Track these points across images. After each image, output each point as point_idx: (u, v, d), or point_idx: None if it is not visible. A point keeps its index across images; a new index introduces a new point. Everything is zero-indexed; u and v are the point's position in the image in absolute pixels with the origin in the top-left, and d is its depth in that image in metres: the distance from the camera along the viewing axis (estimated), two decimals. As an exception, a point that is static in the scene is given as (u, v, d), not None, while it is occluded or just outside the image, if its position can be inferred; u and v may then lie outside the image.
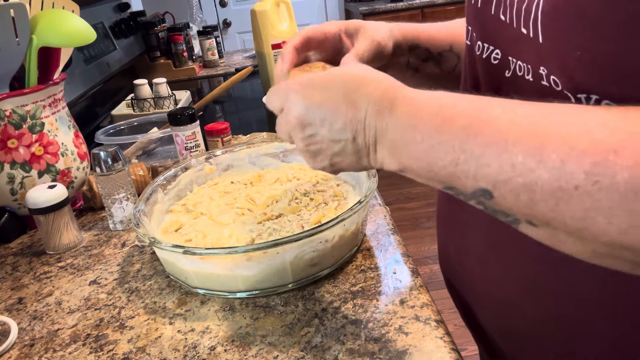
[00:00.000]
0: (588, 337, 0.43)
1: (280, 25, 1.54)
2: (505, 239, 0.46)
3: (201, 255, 0.56)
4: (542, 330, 0.46)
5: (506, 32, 0.40)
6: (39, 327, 0.58)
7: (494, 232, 0.48)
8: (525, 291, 0.46)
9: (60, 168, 0.79)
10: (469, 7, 0.48)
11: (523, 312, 0.47)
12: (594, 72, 0.32)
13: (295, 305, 0.56)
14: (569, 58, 0.33)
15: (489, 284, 0.50)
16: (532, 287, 0.45)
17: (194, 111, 0.89)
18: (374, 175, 0.65)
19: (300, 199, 0.69)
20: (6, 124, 0.74)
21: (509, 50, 0.41)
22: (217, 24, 3.52)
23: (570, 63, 0.33)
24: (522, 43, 0.38)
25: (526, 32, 0.37)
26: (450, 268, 0.59)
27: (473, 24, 0.48)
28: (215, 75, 1.99)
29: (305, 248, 0.57)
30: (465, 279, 0.55)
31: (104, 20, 1.62)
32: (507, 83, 0.42)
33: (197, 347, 0.52)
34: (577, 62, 0.33)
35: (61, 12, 0.78)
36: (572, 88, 0.35)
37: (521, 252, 0.45)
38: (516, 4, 0.38)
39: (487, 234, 0.49)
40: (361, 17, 3.23)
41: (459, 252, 0.56)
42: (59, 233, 0.73)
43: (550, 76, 0.36)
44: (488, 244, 0.49)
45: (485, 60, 0.45)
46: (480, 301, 0.54)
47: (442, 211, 0.60)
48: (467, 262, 0.54)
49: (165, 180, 0.75)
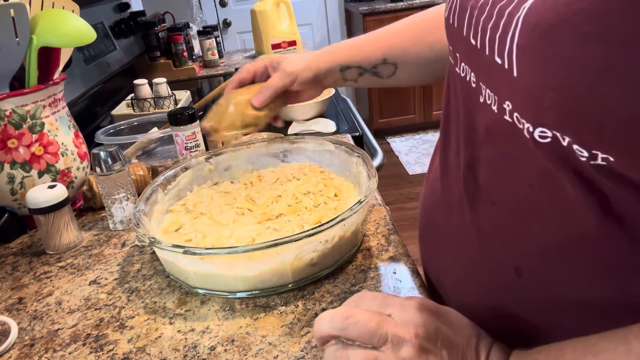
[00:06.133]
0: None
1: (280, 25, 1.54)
2: (480, 266, 0.45)
3: (201, 255, 0.56)
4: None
5: (478, 57, 0.39)
6: (39, 327, 0.58)
7: (468, 258, 0.47)
8: (499, 320, 0.45)
9: (60, 168, 0.79)
10: (447, 26, 0.47)
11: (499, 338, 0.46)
12: (567, 115, 0.31)
13: (295, 305, 0.56)
14: (543, 97, 0.31)
15: (462, 310, 0.47)
16: (505, 314, 0.44)
17: (194, 111, 0.89)
18: (374, 175, 0.65)
19: (300, 199, 0.69)
20: (6, 124, 0.74)
21: (480, 76, 0.40)
22: (217, 24, 3.52)
23: (544, 102, 0.31)
24: (495, 72, 0.36)
25: (500, 62, 0.35)
26: (432, 288, 0.58)
27: (453, 44, 0.46)
28: (215, 75, 1.99)
29: (305, 248, 0.57)
30: (445, 301, 0.54)
31: (104, 20, 1.62)
32: (479, 109, 0.41)
33: (197, 347, 0.52)
34: (551, 102, 0.31)
35: (61, 12, 0.78)
36: (537, 126, 0.33)
37: (494, 278, 0.44)
38: (489, 30, 0.36)
39: (463, 259, 0.48)
40: (361, 17, 3.23)
41: (438, 274, 0.55)
42: (59, 233, 0.73)
43: (514, 112, 0.35)
44: (465, 272, 0.48)
45: (468, 82, 0.43)
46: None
47: (422, 231, 0.59)
48: (445, 284, 0.53)
49: (165, 180, 0.75)
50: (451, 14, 0.44)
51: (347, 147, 0.75)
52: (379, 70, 0.70)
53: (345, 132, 1.14)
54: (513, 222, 0.40)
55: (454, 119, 0.48)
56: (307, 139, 0.81)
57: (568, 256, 0.37)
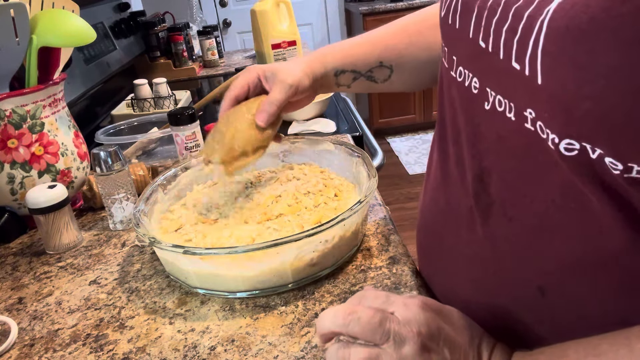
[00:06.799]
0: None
1: (280, 25, 1.54)
2: (494, 284, 0.44)
3: (201, 255, 0.56)
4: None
5: (488, 61, 0.37)
6: (39, 327, 0.58)
7: (480, 274, 0.45)
8: (514, 338, 0.43)
9: (60, 168, 0.79)
10: (444, 26, 0.45)
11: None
12: (604, 126, 0.29)
13: (295, 305, 0.56)
14: (575, 107, 0.29)
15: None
16: (522, 333, 0.43)
17: (194, 111, 0.89)
18: (374, 175, 0.65)
19: (300, 199, 0.69)
20: (6, 124, 0.74)
21: (488, 81, 0.38)
22: (217, 24, 3.52)
23: (576, 113, 0.30)
24: (511, 78, 0.34)
25: (519, 68, 0.33)
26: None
27: (450, 46, 0.44)
28: (215, 75, 1.99)
29: (305, 248, 0.57)
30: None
31: (104, 20, 1.62)
32: (485, 116, 0.39)
33: (197, 347, 0.52)
34: (585, 112, 0.29)
35: (61, 12, 0.78)
36: (564, 137, 0.31)
37: (512, 297, 0.43)
38: (505, 33, 0.34)
39: (473, 276, 0.46)
40: (361, 17, 3.23)
41: (445, 290, 0.53)
42: (59, 233, 0.73)
43: (537, 121, 0.33)
44: (476, 288, 0.46)
45: (467, 88, 0.41)
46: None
47: (423, 242, 0.57)
48: (452, 301, 0.50)
49: (165, 180, 0.75)
50: (450, 13, 0.42)
51: (347, 147, 0.75)
52: (374, 74, 0.67)
53: (345, 132, 1.14)
54: (533, 239, 0.39)
55: (450, 125, 0.46)
56: (307, 139, 0.81)
57: (596, 273, 0.36)
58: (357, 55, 0.67)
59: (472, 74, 0.40)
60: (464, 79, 0.42)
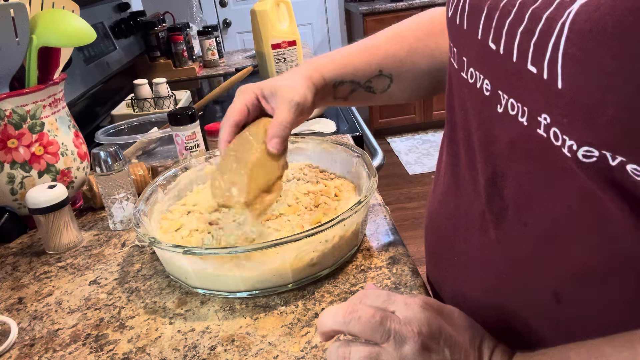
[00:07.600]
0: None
1: (280, 25, 1.54)
2: (507, 288, 0.43)
3: (201, 255, 0.56)
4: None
5: (499, 63, 0.36)
6: (39, 327, 0.58)
7: (492, 279, 0.45)
8: (525, 344, 0.43)
9: (60, 168, 0.79)
10: (452, 26, 0.43)
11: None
12: (629, 133, 0.28)
13: (295, 305, 0.56)
14: (598, 113, 0.28)
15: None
16: (534, 339, 0.43)
17: (194, 111, 0.89)
18: (374, 175, 0.65)
19: (300, 199, 0.69)
20: (6, 124, 0.74)
21: (499, 83, 0.37)
22: (217, 24, 3.52)
23: (599, 119, 0.28)
24: (526, 81, 0.33)
25: (536, 71, 0.32)
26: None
27: (459, 46, 0.43)
28: (215, 75, 1.99)
29: (305, 248, 0.57)
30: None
31: (104, 20, 1.62)
32: (499, 119, 0.38)
33: (197, 347, 0.52)
34: (609, 119, 0.28)
35: (61, 12, 0.78)
36: (583, 144, 0.30)
37: (525, 303, 0.42)
38: (519, 35, 0.33)
39: (485, 281, 0.46)
40: (361, 17, 3.23)
41: (456, 295, 0.52)
42: (59, 233, 0.73)
43: (552, 127, 0.32)
44: (488, 293, 0.46)
45: (479, 90, 0.40)
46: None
47: (432, 246, 0.57)
48: (462, 306, 0.50)
49: (165, 180, 0.75)
50: (458, 13, 0.41)
51: (347, 147, 0.75)
52: (373, 84, 0.64)
53: (345, 132, 1.14)
54: (549, 244, 0.38)
55: (461, 127, 0.45)
56: (307, 139, 0.81)
57: (613, 279, 0.35)
58: (356, 64, 0.63)
59: (483, 76, 0.39)
60: (475, 80, 0.41)
